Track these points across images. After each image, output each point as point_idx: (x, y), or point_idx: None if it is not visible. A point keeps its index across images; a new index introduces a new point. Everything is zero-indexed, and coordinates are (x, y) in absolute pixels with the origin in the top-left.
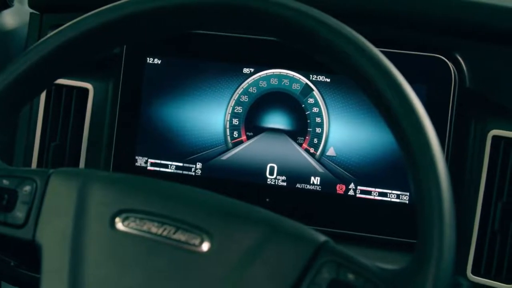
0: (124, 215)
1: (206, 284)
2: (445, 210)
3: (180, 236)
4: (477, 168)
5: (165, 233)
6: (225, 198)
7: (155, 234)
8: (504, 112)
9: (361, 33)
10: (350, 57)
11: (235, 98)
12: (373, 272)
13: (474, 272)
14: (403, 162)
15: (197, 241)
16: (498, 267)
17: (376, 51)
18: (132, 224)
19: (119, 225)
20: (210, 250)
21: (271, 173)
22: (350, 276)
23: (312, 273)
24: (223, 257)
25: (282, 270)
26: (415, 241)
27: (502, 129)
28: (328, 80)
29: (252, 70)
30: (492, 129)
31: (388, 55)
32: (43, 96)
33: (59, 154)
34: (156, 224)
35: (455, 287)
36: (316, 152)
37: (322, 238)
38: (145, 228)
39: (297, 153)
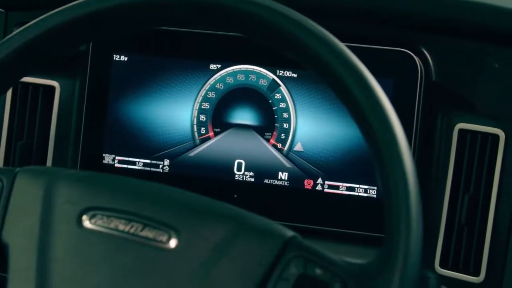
0: (91, 213)
1: (173, 281)
2: (412, 204)
3: (148, 233)
4: (444, 162)
5: (132, 230)
6: (192, 195)
7: (122, 231)
8: (470, 105)
9: (327, 29)
10: (316, 52)
11: (202, 95)
12: (341, 267)
13: (442, 265)
14: (370, 156)
15: (164, 238)
16: (465, 260)
17: (342, 46)
18: (99, 222)
19: (86, 223)
20: (177, 246)
21: (239, 169)
22: (318, 271)
23: (280, 269)
24: (191, 254)
25: (250, 266)
26: (382, 235)
27: (468, 123)
28: (295, 75)
29: (219, 66)
30: (459, 122)
31: (354, 50)
32: (9, 94)
33: (26, 153)
34: (123, 221)
35: (423, 280)
36: (284, 147)
37: (290, 233)
38: (112, 225)
39: (265, 149)
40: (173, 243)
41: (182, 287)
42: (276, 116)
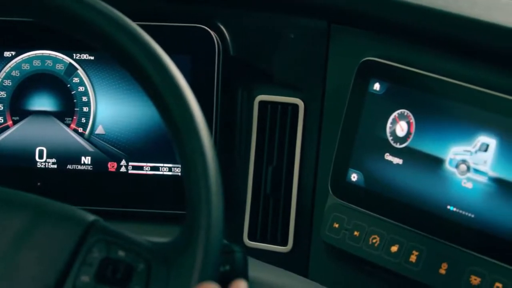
0: None
1: None
2: (211, 180)
3: None
4: (246, 135)
5: None
6: None
7: None
8: (269, 77)
9: (119, 8)
10: (107, 33)
11: None
12: (144, 247)
13: (250, 238)
14: (169, 135)
15: None
16: (273, 231)
17: (134, 25)
18: None
19: None
20: None
21: (41, 157)
22: (121, 253)
23: (83, 254)
24: None
25: (52, 254)
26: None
27: (268, 94)
28: (92, 58)
29: (13, 53)
30: (259, 94)
31: (149, 28)
32: None
33: None
34: None
35: (228, 254)
36: (85, 131)
37: (91, 217)
38: None
39: (66, 134)
40: None
41: None
42: (75, 101)
